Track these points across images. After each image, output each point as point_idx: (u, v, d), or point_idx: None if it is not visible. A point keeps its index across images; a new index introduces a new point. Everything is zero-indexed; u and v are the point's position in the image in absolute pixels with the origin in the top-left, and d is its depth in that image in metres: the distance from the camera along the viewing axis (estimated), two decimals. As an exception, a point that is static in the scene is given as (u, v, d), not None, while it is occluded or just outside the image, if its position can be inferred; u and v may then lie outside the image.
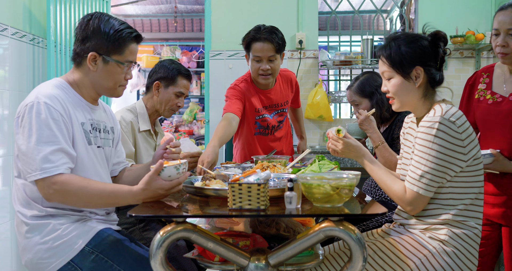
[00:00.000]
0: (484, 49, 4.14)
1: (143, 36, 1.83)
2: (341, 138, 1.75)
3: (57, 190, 1.57)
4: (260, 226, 1.78)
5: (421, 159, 1.59)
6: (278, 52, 2.59)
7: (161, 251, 1.44)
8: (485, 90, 2.13)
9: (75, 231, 1.64)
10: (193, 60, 6.42)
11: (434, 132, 1.56)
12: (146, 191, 1.57)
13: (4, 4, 3.17)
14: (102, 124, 1.84)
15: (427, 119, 1.60)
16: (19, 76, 3.32)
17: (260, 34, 2.55)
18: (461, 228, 1.61)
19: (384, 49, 1.74)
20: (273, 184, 1.73)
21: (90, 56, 1.71)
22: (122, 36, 1.72)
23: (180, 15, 6.59)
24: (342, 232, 1.41)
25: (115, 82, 1.76)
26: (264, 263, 1.49)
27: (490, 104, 2.08)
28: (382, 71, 1.76)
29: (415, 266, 1.59)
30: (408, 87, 1.70)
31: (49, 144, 1.58)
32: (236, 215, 1.49)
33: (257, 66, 2.60)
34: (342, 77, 4.71)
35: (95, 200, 1.61)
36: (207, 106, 4.33)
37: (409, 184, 1.61)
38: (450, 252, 1.59)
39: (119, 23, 1.74)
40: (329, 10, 4.55)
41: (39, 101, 1.61)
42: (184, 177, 1.62)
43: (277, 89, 2.79)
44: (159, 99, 2.49)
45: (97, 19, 1.73)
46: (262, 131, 2.81)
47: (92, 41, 1.71)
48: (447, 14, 4.15)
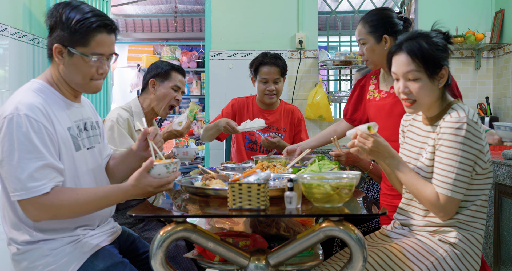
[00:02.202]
0: (484, 49, 4.14)
1: (115, 26, 1.63)
2: (372, 134, 1.60)
3: (45, 210, 1.47)
4: (260, 226, 1.78)
5: (452, 162, 1.54)
6: (282, 75, 2.95)
7: (161, 251, 1.43)
8: (374, 90, 2.31)
9: (65, 258, 1.57)
10: (193, 60, 6.42)
11: (464, 134, 1.53)
12: (135, 187, 1.52)
13: (4, 4, 3.17)
14: (89, 121, 1.75)
15: (452, 121, 1.55)
16: (19, 76, 3.32)
17: (268, 59, 2.91)
18: (469, 230, 1.60)
19: (412, 47, 1.61)
20: (273, 184, 1.73)
21: (55, 49, 1.57)
22: (85, 25, 1.54)
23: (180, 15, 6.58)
24: (342, 232, 1.41)
25: (83, 76, 1.60)
26: (264, 263, 1.49)
27: (378, 101, 2.24)
28: (407, 71, 1.62)
29: (427, 269, 1.56)
30: (432, 88, 1.62)
31: (33, 160, 1.46)
32: (236, 215, 1.48)
33: (264, 87, 2.93)
34: (342, 77, 4.71)
35: (88, 208, 1.55)
36: (207, 106, 4.33)
37: (441, 189, 1.54)
38: (460, 255, 1.58)
39: (85, 11, 1.57)
40: (329, 10, 4.55)
41: (19, 114, 1.47)
42: (174, 176, 1.56)
43: (277, 114, 3.04)
44: (156, 96, 2.49)
45: (61, 8, 1.57)
46: (251, 146, 2.96)
47: (56, 32, 1.57)
48: (447, 14, 4.15)
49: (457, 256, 1.58)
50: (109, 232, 1.77)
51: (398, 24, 2.18)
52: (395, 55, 1.66)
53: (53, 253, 1.57)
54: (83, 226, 1.66)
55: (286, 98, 4.23)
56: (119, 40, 6.81)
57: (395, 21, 2.18)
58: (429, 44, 1.61)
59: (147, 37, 7.03)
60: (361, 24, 2.21)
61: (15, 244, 1.59)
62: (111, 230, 1.80)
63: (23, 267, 1.59)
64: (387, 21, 2.17)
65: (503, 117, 4.01)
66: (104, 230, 1.75)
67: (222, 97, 4.26)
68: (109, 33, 1.62)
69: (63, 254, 1.58)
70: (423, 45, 1.60)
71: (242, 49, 4.22)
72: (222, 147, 4.12)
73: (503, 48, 4.01)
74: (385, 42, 2.16)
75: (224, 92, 4.20)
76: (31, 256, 1.57)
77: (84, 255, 1.61)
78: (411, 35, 1.65)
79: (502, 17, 3.99)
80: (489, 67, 4.21)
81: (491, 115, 4.07)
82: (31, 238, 1.57)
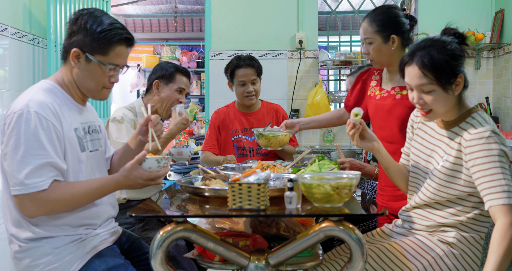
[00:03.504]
0: (484, 49, 4.14)
1: (135, 40, 1.73)
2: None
3: (42, 206, 1.49)
4: (260, 226, 1.78)
5: (497, 173, 1.47)
6: (258, 76, 2.92)
7: (161, 251, 1.44)
8: (375, 87, 2.24)
9: (67, 257, 1.58)
10: (193, 60, 6.42)
11: (496, 140, 1.49)
12: (126, 178, 1.55)
13: (4, 4, 3.17)
14: (93, 125, 1.78)
15: (479, 132, 1.52)
16: (19, 76, 3.32)
17: (242, 62, 2.88)
18: (469, 232, 1.60)
19: (423, 59, 1.54)
20: (273, 184, 1.73)
21: (73, 53, 1.62)
22: (108, 36, 1.62)
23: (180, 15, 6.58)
24: (342, 232, 1.41)
25: (96, 83, 1.67)
26: (264, 263, 1.49)
27: (378, 100, 2.17)
28: (420, 84, 1.57)
29: (423, 267, 1.57)
30: (447, 98, 1.57)
31: (38, 157, 1.48)
32: (236, 215, 1.49)
33: (242, 90, 2.89)
34: (342, 77, 4.71)
35: (83, 201, 1.57)
36: (207, 106, 4.33)
37: (503, 199, 1.45)
38: (458, 255, 1.59)
39: (110, 23, 1.64)
40: (329, 10, 4.55)
41: (29, 110, 1.51)
42: (164, 172, 1.58)
43: (259, 115, 3.00)
44: (160, 98, 2.49)
45: (88, 15, 1.64)
46: (241, 152, 2.94)
47: (78, 37, 1.62)
48: (447, 14, 4.15)
49: (454, 256, 1.58)
50: (110, 232, 1.77)
51: (405, 23, 2.11)
52: (407, 66, 1.60)
53: (55, 251, 1.57)
54: (85, 225, 1.66)
55: (286, 98, 4.24)
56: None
57: (403, 20, 2.10)
58: (444, 54, 1.54)
59: (147, 37, 7.02)
60: (367, 22, 2.11)
61: (17, 241, 1.59)
62: (113, 229, 1.80)
63: (24, 265, 1.59)
64: (395, 21, 2.09)
65: (503, 117, 4.01)
66: (106, 230, 1.75)
67: (222, 97, 4.26)
68: (127, 47, 1.70)
69: (66, 253, 1.59)
70: (436, 57, 1.53)
71: (242, 49, 4.22)
72: (222, 147, 4.12)
73: (503, 48, 4.01)
74: (392, 42, 2.08)
75: (224, 92, 4.20)
76: (34, 254, 1.57)
77: (87, 255, 1.62)
78: (424, 44, 1.58)
79: (502, 17, 3.99)
80: (489, 67, 4.21)
81: (491, 115, 4.07)
82: (34, 235, 1.57)
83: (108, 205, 1.76)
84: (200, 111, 6.28)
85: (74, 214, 1.62)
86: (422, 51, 1.56)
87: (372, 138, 1.71)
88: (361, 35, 2.16)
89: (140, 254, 1.91)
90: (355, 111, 1.65)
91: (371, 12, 2.13)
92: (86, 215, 1.65)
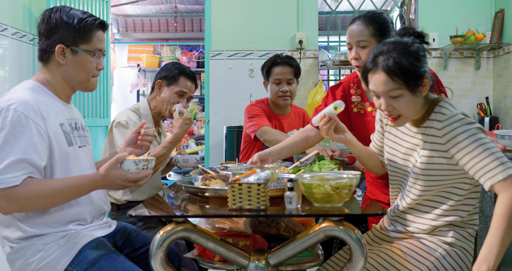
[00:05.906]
0: (484, 49, 4.14)
1: (107, 24, 1.78)
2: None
3: (14, 202, 1.47)
4: (260, 226, 1.78)
5: (483, 150, 1.44)
6: (296, 76, 2.84)
7: (161, 251, 1.44)
8: (362, 102, 2.08)
9: (58, 251, 1.58)
10: (193, 60, 6.42)
11: (470, 125, 1.47)
12: (104, 177, 1.53)
13: (4, 4, 3.17)
14: (79, 122, 1.79)
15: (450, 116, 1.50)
16: (19, 76, 3.32)
17: (280, 60, 2.81)
18: (463, 227, 1.60)
19: (389, 64, 1.48)
20: (273, 184, 1.73)
21: (58, 49, 1.66)
22: (87, 24, 1.67)
23: (180, 15, 6.58)
24: (342, 232, 1.41)
25: (87, 73, 1.70)
26: (264, 263, 1.49)
27: (375, 116, 1.87)
28: (387, 90, 1.50)
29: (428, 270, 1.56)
30: (416, 100, 1.52)
31: (12, 153, 1.48)
32: (236, 215, 1.49)
33: (277, 89, 2.81)
34: (342, 77, 4.71)
35: (57, 199, 1.54)
36: (207, 106, 4.33)
37: (501, 174, 1.41)
38: (459, 253, 1.59)
39: (82, 12, 1.70)
40: (329, 10, 4.56)
41: (9, 108, 1.52)
42: (144, 174, 1.55)
43: (289, 119, 2.94)
44: (160, 99, 2.48)
45: (58, 12, 1.69)
46: None
47: (57, 34, 1.66)
48: (447, 14, 4.16)
49: (456, 254, 1.58)
50: (102, 226, 1.78)
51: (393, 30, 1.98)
52: (371, 73, 1.53)
53: (47, 247, 1.58)
54: (76, 221, 1.66)
55: (286, 98, 4.24)
56: (119, 40, 6.81)
57: (392, 27, 1.98)
58: (408, 57, 1.48)
59: (147, 37, 7.02)
60: (362, 24, 1.94)
61: (9, 243, 1.60)
62: (105, 224, 1.81)
63: (18, 266, 1.59)
64: (389, 26, 1.96)
65: (503, 117, 4.01)
66: (98, 225, 1.76)
67: (222, 97, 4.26)
68: (104, 31, 1.76)
69: (56, 247, 1.59)
70: (401, 61, 1.47)
71: (242, 49, 4.22)
72: (222, 147, 4.12)
73: (503, 48, 4.01)
74: None
75: (224, 92, 4.21)
76: (26, 253, 1.58)
77: (77, 246, 1.61)
78: (387, 48, 1.51)
79: (502, 17, 3.99)
80: (489, 67, 4.21)
81: (491, 115, 4.07)
82: (24, 234, 1.58)
83: (100, 201, 1.77)
84: (200, 111, 6.28)
85: (64, 210, 1.62)
86: (385, 56, 1.49)
87: (343, 129, 1.72)
88: (353, 37, 1.95)
89: (137, 248, 1.89)
90: (335, 105, 1.64)
91: (366, 14, 1.97)
92: (76, 211, 1.65)
